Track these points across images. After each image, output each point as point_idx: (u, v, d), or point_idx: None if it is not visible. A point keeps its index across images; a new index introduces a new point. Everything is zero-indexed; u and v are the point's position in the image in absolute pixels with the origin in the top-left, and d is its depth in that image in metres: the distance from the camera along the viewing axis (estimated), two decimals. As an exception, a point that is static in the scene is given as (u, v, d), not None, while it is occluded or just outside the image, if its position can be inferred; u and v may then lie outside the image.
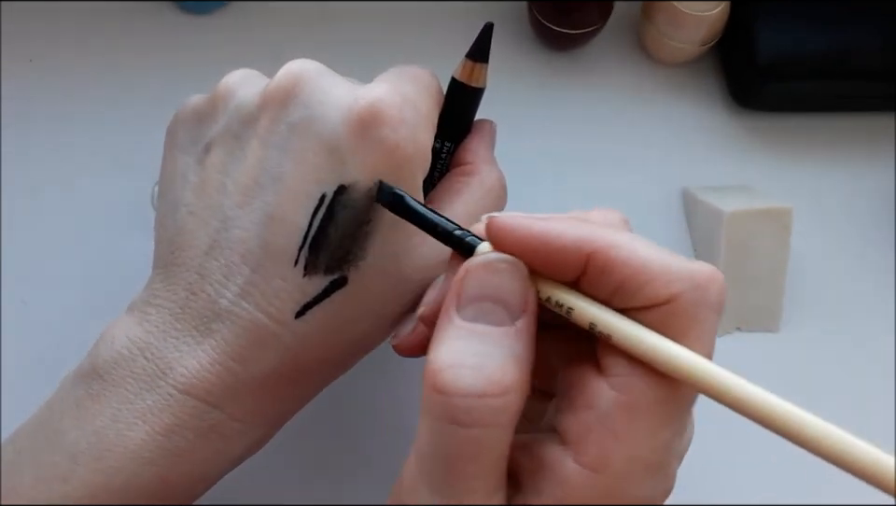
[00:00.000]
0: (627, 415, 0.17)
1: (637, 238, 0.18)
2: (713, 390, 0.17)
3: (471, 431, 0.17)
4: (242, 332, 0.24)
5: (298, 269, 0.24)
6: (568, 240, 0.18)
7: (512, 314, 0.18)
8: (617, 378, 0.18)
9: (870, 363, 0.38)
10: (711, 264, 0.18)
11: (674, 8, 0.39)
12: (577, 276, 0.18)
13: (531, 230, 0.18)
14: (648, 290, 0.17)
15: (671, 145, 0.41)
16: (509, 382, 0.17)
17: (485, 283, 0.19)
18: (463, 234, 0.20)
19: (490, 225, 0.19)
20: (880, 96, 0.41)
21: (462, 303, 0.18)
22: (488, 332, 0.18)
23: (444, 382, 0.17)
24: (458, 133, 0.29)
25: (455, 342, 0.18)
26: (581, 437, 0.18)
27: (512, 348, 0.18)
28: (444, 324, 0.18)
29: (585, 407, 0.18)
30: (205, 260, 0.25)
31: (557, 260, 0.18)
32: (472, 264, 0.19)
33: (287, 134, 0.25)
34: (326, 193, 0.24)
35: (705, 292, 0.18)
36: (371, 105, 0.24)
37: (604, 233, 0.18)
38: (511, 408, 0.17)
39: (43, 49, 0.40)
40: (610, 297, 0.18)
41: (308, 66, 0.26)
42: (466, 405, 0.17)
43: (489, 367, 0.17)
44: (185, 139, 0.27)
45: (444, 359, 0.18)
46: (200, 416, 0.24)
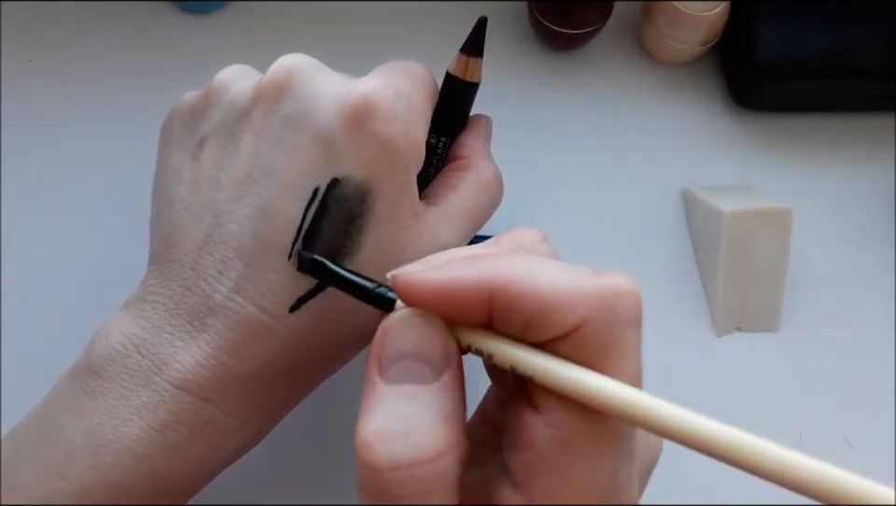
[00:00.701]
0: (565, 453, 0.17)
1: (539, 264, 0.17)
2: (635, 417, 0.16)
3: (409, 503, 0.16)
4: (236, 327, 0.24)
5: (291, 263, 0.24)
6: (466, 285, 0.17)
7: (435, 369, 0.17)
8: (549, 415, 0.17)
9: (870, 363, 0.38)
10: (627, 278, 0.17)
11: (674, 8, 0.39)
12: (488, 318, 0.18)
13: (428, 282, 0.18)
14: (555, 321, 0.17)
15: (671, 145, 0.41)
16: (441, 445, 0.16)
17: (403, 340, 0.18)
18: (383, 291, 0.20)
19: (393, 283, 0.18)
20: (880, 96, 0.41)
21: (384, 366, 0.18)
22: (413, 392, 0.17)
23: (374, 458, 0.16)
24: (454, 128, 0.29)
25: (381, 408, 0.17)
26: (527, 479, 0.17)
27: (441, 406, 0.17)
28: (368, 392, 0.18)
29: (526, 447, 0.17)
30: (199, 256, 0.25)
31: (463, 307, 0.18)
32: (387, 323, 0.18)
33: (281, 128, 0.25)
34: (319, 187, 0.24)
35: (613, 310, 0.17)
36: (364, 98, 0.24)
37: (501, 268, 0.17)
38: (446, 472, 0.17)
39: (43, 49, 0.41)
40: (523, 332, 0.17)
41: (301, 61, 0.26)
42: (398, 478, 0.16)
43: (418, 432, 0.16)
44: (179, 135, 0.27)
45: (371, 430, 0.17)
46: (194, 412, 0.24)
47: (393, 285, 0.18)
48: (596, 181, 0.40)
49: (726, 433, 0.15)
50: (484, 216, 0.28)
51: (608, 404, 0.16)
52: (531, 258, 0.18)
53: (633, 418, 0.16)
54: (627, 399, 0.16)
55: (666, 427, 0.16)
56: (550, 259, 0.19)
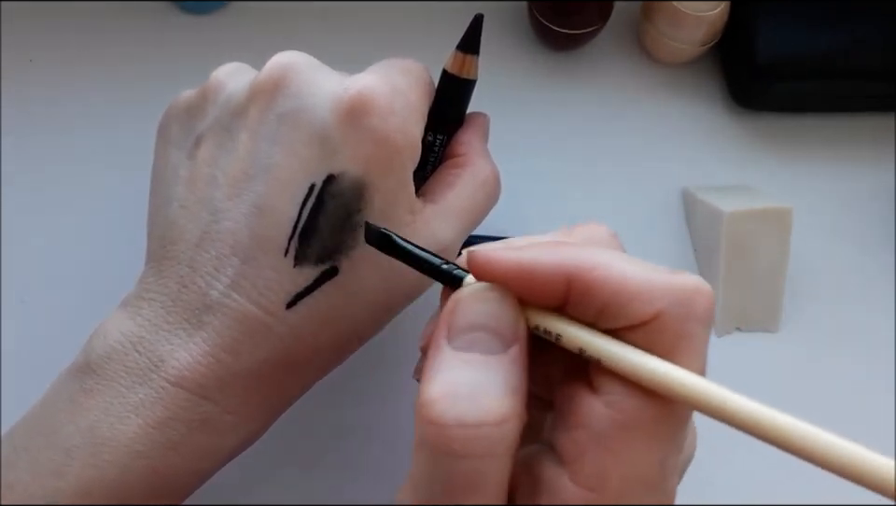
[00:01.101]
0: (622, 434, 0.17)
1: (617, 256, 0.18)
2: (704, 406, 0.17)
3: (470, 462, 0.17)
4: (233, 324, 0.24)
5: (288, 259, 0.24)
6: (546, 267, 0.18)
7: (504, 342, 0.18)
8: (610, 397, 0.17)
9: (870, 363, 0.38)
10: (698, 275, 0.18)
11: (674, 8, 0.39)
12: (562, 301, 0.18)
13: (507, 260, 0.18)
14: (631, 310, 0.17)
15: (671, 145, 0.41)
16: (506, 411, 0.17)
17: (475, 312, 0.18)
18: (450, 267, 0.20)
19: (470, 260, 0.19)
20: (880, 96, 0.41)
21: (453, 334, 0.18)
22: (481, 361, 0.17)
23: (439, 413, 0.17)
24: (451, 126, 0.29)
25: (447, 372, 0.17)
26: (576, 456, 0.18)
27: (507, 377, 0.17)
28: (435, 355, 0.18)
29: (580, 426, 0.18)
30: (196, 253, 0.25)
31: (539, 287, 0.18)
32: (461, 295, 0.19)
33: (277, 125, 0.25)
34: (315, 183, 0.24)
35: (689, 307, 0.17)
36: (361, 95, 0.24)
37: (582, 255, 0.18)
38: (508, 437, 0.17)
39: (43, 49, 0.41)
40: (596, 319, 0.18)
41: (297, 58, 0.26)
42: (463, 436, 0.16)
43: (485, 396, 0.17)
44: (176, 134, 0.28)
45: (438, 390, 0.17)
46: (192, 409, 0.24)
47: (471, 259, 0.19)
48: (596, 181, 0.40)
49: (787, 422, 0.16)
50: (482, 213, 0.28)
51: (675, 389, 0.17)
52: (609, 249, 0.19)
53: (699, 404, 0.17)
54: (695, 384, 0.17)
55: (731, 414, 0.16)
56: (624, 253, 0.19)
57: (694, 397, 0.17)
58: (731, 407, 0.16)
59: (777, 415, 0.16)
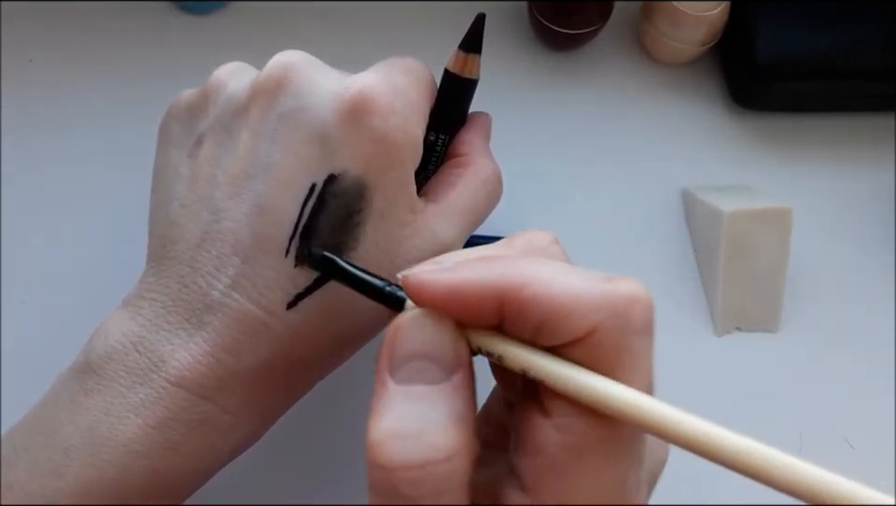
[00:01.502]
0: (575, 458, 0.17)
1: (550, 268, 0.17)
2: (644, 424, 0.16)
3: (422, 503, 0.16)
4: (233, 324, 0.24)
5: (289, 259, 0.24)
6: (477, 288, 0.17)
7: (446, 370, 0.17)
8: (560, 420, 0.17)
9: (870, 363, 0.38)
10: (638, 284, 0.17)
11: (674, 8, 0.39)
12: (499, 320, 0.18)
13: (439, 284, 0.18)
14: (566, 326, 0.17)
15: (671, 145, 0.41)
16: (452, 445, 0.16)
17: (414, 340, 0.18)
18: (393, 290, 0.20)
19: (403, 284, 0.18)
20: (880, 96, 0.41)
21: (394, 365, 0.18)
22: (424, 393, 0.17)
23: (385, 456, 0.16)
24: (453, 126, 0.29)
25: (391, 409, 0.17)
26: (536, 483, 0.17)
27: (451, 406, 0.17)
28: (379, 392, 0.18)
29: (535, 451, 0.17)
30: (197, 253, 0.25)
31: (473, 309, 0.17)
32: (398, 322, 0.18)
33: (277, 125, 0.25)
34: (316, 183, 0.24)
35: (626, 318, 0.17)
36: (361, 94, 0.24)
37: (512, 273, 0.17)
38: (458, 472, 0.17)
39: (43, 49, 0.40)
40: (534, 336, 0.17)
41: (297, 57, 0.26)
42: (410, 478, 0.16)
43: (429, 432, 0.16)
44: (177, 133, 0.28)
45: (383, 430, 0.17)
46: (192, 409, 0.24)
47: (403, 285, 0.18)
48: (596, 181, 0.40)
49: (737, 442, 0.15)
50: (483, 213, 0.28)
51: (619, 410, 0.16)
52: (543, 261, 0.18)
53: (644, 425, 0.16)
54: (639, 405, 0.16)
55: (678, 434, 0.16)
56: (561, 262, 0.19)
57: (634, 415, 0.16)
58: (673, 425, 0.16)
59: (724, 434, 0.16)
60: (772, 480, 0.15)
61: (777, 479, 0.15)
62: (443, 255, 0.20)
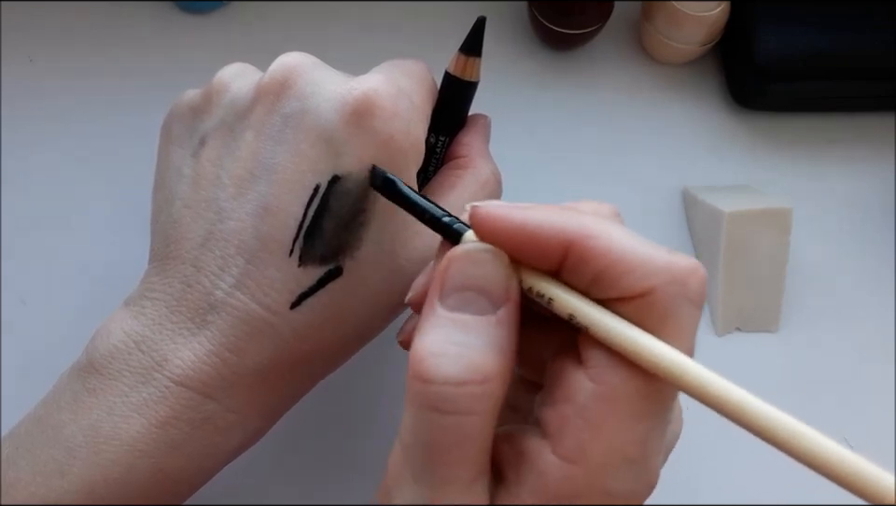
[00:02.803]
0: (604, 407, 0.17)
1: (618, 229, 0.18)
2: (685, 385, 0.17)
3: (453, 418, 0.17)
4: (237, 323, 0.24)
5: (293, 259, 0.24)
6: (548, 230, 0.18)
7: (494, 303, 0.18)
8: (595, 369, 0.18)
9: (870, 363, 0.38)
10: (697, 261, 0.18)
11: (674, 9, 0.39)
12: (558, 266, 0.18)
13: (511, 219, 0.18)
14: (624, 282, 0.17)
15: (671, 145, 0.41)
16: (489, 370, 0.17)
17: (467, 273, 0.19)
18: (451, 221, 0.20)
19: (472, 214, 0.19)
20: (880, 96, 0.41)
21: (445, 293, 0.18)
22: (470, 322, 0.18)
23: (426, 370, 0.17)
24: (453, 128, 0.29)
25: (437, 331, 0.18)
26: (559, 429, 0.18)
27: (494, 337, 0.18)
28: (427, 313, 0.18)
29: (565, 399, 0.18)
30: (201, 253, 0.25)
31: (537, 249, 0.18)
32: (455, 254, 0.19)
33: (282, 126, 0.25)
34: (320, 184, 0.24)
35: (683, 286, 0.17)
36: (365, 96, 0.24)
37: (584, 223, 0.18)
38: (492, 396, 0.17)
39: (43, 49, 0.41)
40: (589, 287, 0.18)
41: (302, 59, 0.26)
42: (447, 393, 0.17)
43: (470, 355, 0.17)
44: (180, 133, 0.28)
45: (427, 348, 0.18)
46: (195, 408, 0.24)
47: (473, 214, 0.19)
48: (596, 181, 0.40)
49: (768, 412, 0.16)
50: None
51: (660, 365, 0.17)
52: (612, 221, 0.19)
53: (682, 382, 0.17)
54: (680, 363, 0.17)
55: (714, 396, 0.16)
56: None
57: (677, 374, 0.17)
58: (713, 389, 0.16)
59: (762, 405, 0.16)
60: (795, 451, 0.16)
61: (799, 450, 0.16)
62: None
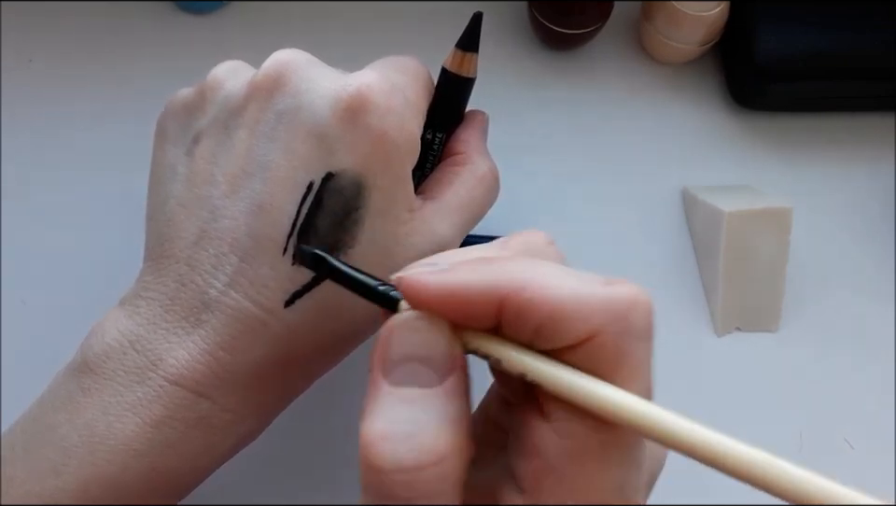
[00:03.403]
0: (574, 462, 0.17)
1: (549, 270, 0.17)
2: (647, 430, 0.16)
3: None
4: (231, 322, 0.24)
5: (286, 257, 0.24)
6: (476, 290, 0.17)
7: (440, 373, 0.17)
8: (559, 423, 0.17)
9: (870, 363, 0.38)
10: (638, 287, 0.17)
11: (674, 9, 0.38)
12: (496, 323, 0.17)
13: (437, 285, 0.17)
14: (566, 330, 0.16)
15: (671, 145, 0.41)
16: (443, 448, 0.16)
17: (408, 343, 0.18)
18: (386, 289, 0.19)
19: (399, 286, 0.18)
20: (880, 96, 0.41)
21: (388, 367, 0.18)
22: (417, 396, 0.17)
23: (377, 458, 0.16)
24: (450, 124, 0.29)
25: (384, 410, 0.17)
26: (534, 486, 0.17)
27: (445, 410, 0.17)
28: (373, 391, 0.18)
29: (534, 454, 0.17)
30: (194, 251, 0.25)
31: (470, 311, 0.17)
32: (392, 324, 0.18)
33: (275, 123, 0.25)
34: (314, 181, 0.24)
35: (626, 322, 0.17)
36: (359, 92, 0.24)
37: (513, 275, 0.17)
38: (451, 475, 0.17)
39: (43, 49, 0.41)
40: (533, 339, 0.17)
41: (295, 56, 0.26)
42: (403, 480, 0.16)
43: (422, 435, 0.16)
44: (174, 132, 0.28)
45: (375, 432, 0.17)
46: (190, 407, 0.24)
47: (398, 286, 0.18)
48: (596, 181, 0.40)
49: (738, 450, 0.15)
50: (481, 211, 0.28)
51: (619, 416, 0.16)
52: (542, 263, 0.18)
53: (644, 430, 0.16)
54: (639, 411, 0.16)
55: (678, 440, 0.16)
56: (559, 264, 0.19)
57: (636, 421, 0.16)
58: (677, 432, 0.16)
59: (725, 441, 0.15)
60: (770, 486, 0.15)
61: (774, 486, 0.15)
62: (438, 255, 0.20)
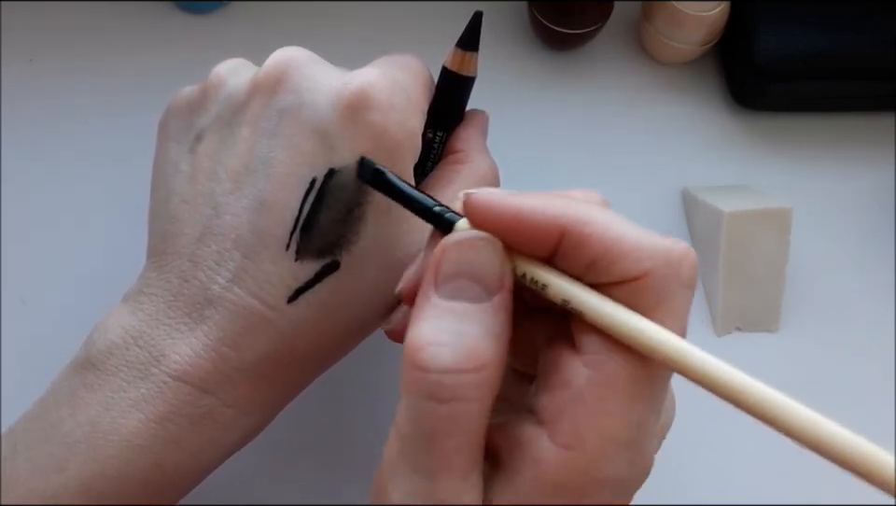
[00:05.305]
0: (600, 393, 0.17)
1: (611, 214, 0.18)
2: (681, 365, 0.17)
3: (449, 406, 0.17)
4: (234, 318, 0.24)
5: (290, 253, 0.24)
6: (542, 216, 0.18)
7: (489, 290, 0.18)
8: (590, 355, 0.18)
9: (870, 363, 0.38)
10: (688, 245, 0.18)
11: (674, 9, 0.39)
12: (552, 252, 0.18)
13: (506, 206, 0.18)
14: (619, 266, 0.17)
15: (671, 145, 0.41)
16: (485, 357, 0.17)
17: (461, 260, 0.19)
18: (442, 210, 0.20)
19: (466, 201, 0.19)
20: (880, 96, 0.41)
21: (439, 281, 0.19)
22: (465, 309, 0.18)
23: (423, 359, 0.17)
24: (451, 123, 0.29)
25: (432, 320, 0.18)
26: (555, 416, 0.18)
27: (489, 324, 0.18)
28: (422, 302, 0.19)
29: (560, 386, 0.18)
30: (197, 248, 0.25)
31: (532, 235, 0.18)
32: (449, 242, 0.19)
33: (277, 120, 0.25)
34: (316, 177, 0.24)
35: (676, 269, 0.18)
36: (361, 90, 0.24)
37: (578, 209, 0.18)
38: (487, 383, 0.17)
39: (43, 49, 0.41)
40: (584, 273, 0.18)
41: (297, 53, 0.26)
42: (443, 381, 0.17)
43: (466, 343, 0.17)
44: (177, 129, 0.28)
45: (422, 337, 0.18)
46: (193, 403, 0.24)
47: (467, 201, 0.19)
48: (596, 181, 0.40)
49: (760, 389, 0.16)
50: None
51: (654, 347, 0.17)
52: (604, 209, 0.19)
53: (676, 364, 0.17)
54: (674, 345, 0.17)
55: (707, 376, 0.17)
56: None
57: (672, 355, 0.17)
58: (709, 370, 0.17)
59: (759, 386, 0.16)
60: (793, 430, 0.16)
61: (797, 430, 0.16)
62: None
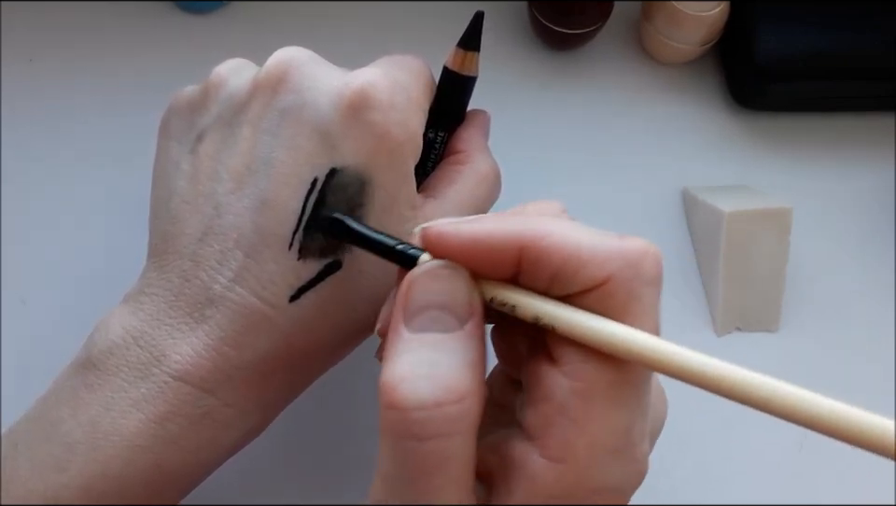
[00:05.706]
0: (583, 402, 0.17)
1: (567, 224, 0.18)
2: (656, 363, 0.17)
3: (433, 443, 0.17)
4: (236, 317, 0.24)
5: (292, 253, 0.24)
6: (499, 237, 0.18)
7: (459, 318, 0.18)
8: (568, 366, 0.18)
9: (870, 363, 0.38)
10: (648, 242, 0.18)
11: (674, 9, 0.39)
12: (515, 271, 0.18)
13: (461, 233, 0.18)
14: (582, 274, 0.18)
15: (671, 145, 0.41)
16: (464, 387, 0.17)
17: (428, 291, 0.19)
18: (404, 248, 0.21)
19: (423, 235, 0.19)
20: (880, 96, 0.41)
21: (408, 316, 0.18)
22: (438, 340, 0.18)
23: (398, 397, 0.17)
24: (452, 123, 0.29)
25: (405, 355, 0.18)
26: (542, 430, 0.18)
27: (464, 353, 0.18)
28: (393, 339, 0.18)
29: (544, 399, 0.18)
30: (199, 247, 0.25)
31: (492, 258, 0.18)
32: (413, 275, 0.19)
33: (279, 120, 0.25)
34: (318, 177, 0.24)
35: (637, 268, 0.18)
36: (362, 89, 0.24)
37: (533, 225, 0.18)
38: (469, 414, 0.17)
39: (43, 49, 0.41)
40: (549, 286, 0.18)
41: (298, 53, 0.26)
42: (423, 417, 0.17)
43: (443, 375, 0.17)
44: (178, 129, 0.28)
45: (396, 374, 0.17)
46: (194, 403, 0.24)
47: (424, 235, 0.19)
48: (596, 181, 0.40)
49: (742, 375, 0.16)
50: (482, 209, 0.28)
51: (630, 350, 0.17)
52: (559, 219, 0.19)
53: (654, 363, 0.17)
54: (649, 344, 0.17)
55: (686, 371, 0.17)
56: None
57: (646, 355, 0.17)
58: (684, 363, 0.17)
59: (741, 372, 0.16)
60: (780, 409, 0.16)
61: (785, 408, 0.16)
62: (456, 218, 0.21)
